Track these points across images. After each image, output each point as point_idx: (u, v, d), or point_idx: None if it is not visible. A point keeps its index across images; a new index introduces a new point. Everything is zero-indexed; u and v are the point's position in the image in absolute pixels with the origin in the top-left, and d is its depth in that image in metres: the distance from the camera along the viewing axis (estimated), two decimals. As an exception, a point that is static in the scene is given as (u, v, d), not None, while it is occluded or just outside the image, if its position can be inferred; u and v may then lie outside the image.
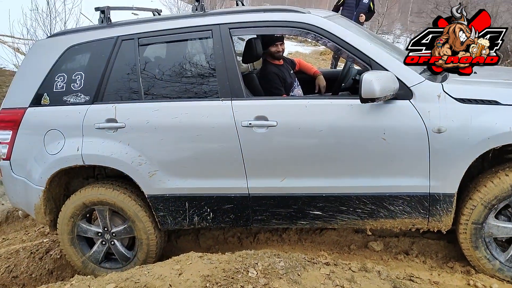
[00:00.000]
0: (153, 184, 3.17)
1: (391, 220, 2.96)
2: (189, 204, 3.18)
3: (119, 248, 3.41)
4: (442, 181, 2.78)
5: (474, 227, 2.82)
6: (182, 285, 2.51)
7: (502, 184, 2.72)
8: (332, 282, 2.58)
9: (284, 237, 3.60)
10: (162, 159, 3.13)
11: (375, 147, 2.81)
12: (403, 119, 2.77)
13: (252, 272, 2.62)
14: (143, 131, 3.11)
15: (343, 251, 3.39)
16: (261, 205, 3.09)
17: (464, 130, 2.67)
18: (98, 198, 3.28)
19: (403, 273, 2.88)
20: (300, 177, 2.99)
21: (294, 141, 2.95)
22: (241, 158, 3.01)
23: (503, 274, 2.85)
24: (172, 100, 3.14)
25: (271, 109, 2.97)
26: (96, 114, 3.19)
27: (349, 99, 2.89)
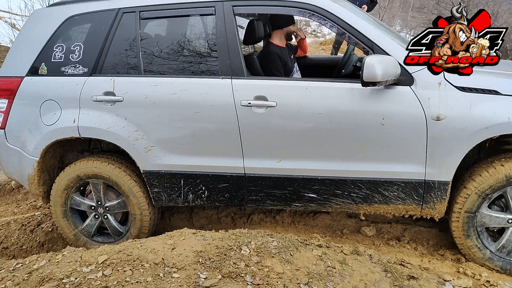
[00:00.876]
0: (149, 160, 3.15)
1: (385, 206, 2.98)
2: (184, 182, 3.17)
3: (112, 223, 3.40)
4: (438, 168, 2.79)
5: (467, 215, 2.84)
6: (174, 259, 2.51)
7: (497, 174, 2.73)
8: (324, 263, 2.59)
9: (277, 219, 3.62)
10: (159, 134, 3.11)
11: (374, 132, 2.81)
12: (403, 105, 2.76)
13: (245, 250, 2.62)
14: (141, 106, 3.08)
15: (336, 235, 3.41)
16: (257, 186, 3.09)
17: (463, 119, 2.67)
18: (93, 171, 3.27)
19: (394, 258, 2.90)
20: (297, 159, 2.99)
21: (293, 123, 2.94)
22: (238, 137, 3.00)
23: (493, 264, 2.88)
24: (172, 76, 3.12)
25: (271, 89, 2.96)
26: (94, 87, 3.16)
27: (350, 82, 2.88)
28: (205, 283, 2.31)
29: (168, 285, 2.30)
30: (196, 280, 2.33)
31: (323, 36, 18.03)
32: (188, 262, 2.48)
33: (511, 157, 2.78)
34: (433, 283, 2.55)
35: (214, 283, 2.31)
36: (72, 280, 2.38)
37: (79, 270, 2.48)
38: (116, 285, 2.31)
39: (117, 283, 2.33)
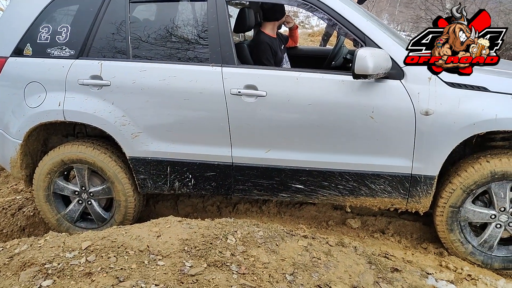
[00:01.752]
0: (135, 146, 3.11)
1: (371, 199, 3.00)
2: (170, 169, 3.14)
3: (96, 208, 3.36)
4: (424, 163, 2.81)
5: (451, 210, 2.87)
6: (160, 247, 2.49)
7: (483, 170, 2.77)
8: (309, 254, 2.60)
9: (263, 209, 3.62)
10: (146, 121, 3.07)
11: (363, 124, 2.82)
12: (393, 98, 2.77)
13: (231, 239, 2.61)
14: (129, 91, 3.03)
15: (321, 226, 3.42)
16: (244, 175, 3.08)
17: (451, 114, 2.69)
18: (77, 156, 3.21)
19: (379, 250, 2.93)
20: (285, 150, 2.98)
21: (282, 113, 2.93)
22: (227, 126, 2.98)
23: (475, 258, 2.93)
24: (161, 61, 3.07)
25: (261, 78, 2.93)
26: (81, 70, 3.09)
27: (341, 74, 2.87)
28: (190, 271, 2.30)
29: (153, 272, 2.27)
30: (181, 268, 2.31)
31: (311, 27, 17.98)
32: (173, 250, 2.46)
33: (496, 154, 2.81)
34: (416, 276, 2.59)
35: (199, 272, 2.29)
36: (55, 266, 2.34)
37: (62, 256, 2.44)
38: (100, 271, 2.28)
39: (101, 269, 2.30)
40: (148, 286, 2.13)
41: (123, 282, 2.17)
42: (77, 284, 2.20)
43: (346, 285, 2.37)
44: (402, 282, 2.48)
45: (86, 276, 2.26)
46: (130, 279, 2.20)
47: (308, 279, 2.36)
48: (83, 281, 2.23)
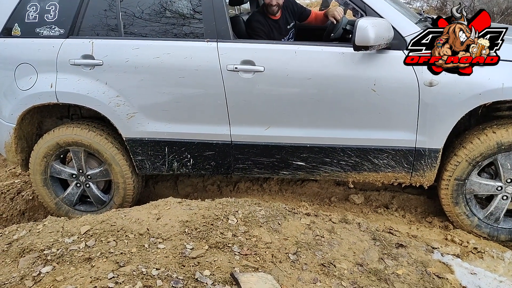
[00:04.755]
0: (131, 127, 3.04)
1: (374, 174, 2.93)
2: (168, 149, 3.07)
3: (95, 191, 3.31)
4: (429, 136, 2.74)
5: (456, 183, 2.81)
6: (160, 229, 2.44)
7: (489, 141, 2.69)
8: (312, 232, 2.55)
9: (264, 187, 3.57)
10: (141, 100, 2.99)
11: (364, 98, 2.73)
12: (395, 70, 2.68)
13: (232, 220, 2.57)
14: (122, 70, 2.94)
15: (324, 203, 3.38)
16: (244, 154, 3.01)
17: (456, 85, 2.60)
18: (73, 138, 3.14)
19: (383, 226, 2.89)
20: (285, 126, 2.91)
21: (281, 89, 2.85)
22: (225, 103, 2.90)
23: (480, 231, 2.89)
24: (154, 38, 2.96)
25: (258, 53, 2.84)
26: (72, 49, 2.99)
27: (341, 46, 2.77)
28: (191, 253, 2.25)
29: (154, 256, 2.23)
30: (182, 250, 2.27)
31: (309, -3, 17.61)
32: (173, 233, 2.41)
33: (503, 124, 2.73)
34: (421, 251, 2.55)
35: (200, 254, 2.25)
36: (54, 252, 2.30)
37: (61, 241, 2.40)
38: (99, 256, 2.24)
39: (100, 254, 2.25)
40: (149, 271, 2.09)
41: (124, 267, 2.13)
42: (77, 270, 2.16)
43: (351, 262, 2.34)
44: (407, 257, 2.44)
45: (85, 262, 2.22)
46: (130, 264, 2.16)
47: (311, 258, 2.32)
48: (83, 266, 2.19)
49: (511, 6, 8.98)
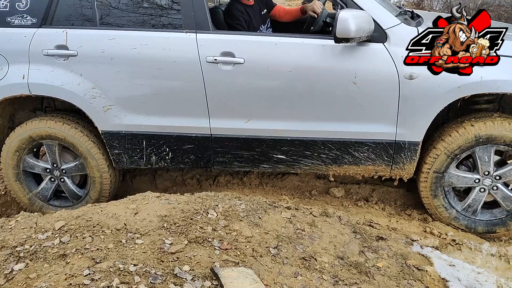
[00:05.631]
0: (108, 120, 2.96)
1: (355, 167, 2.93)
2: (146, 143, 3.01)
3: (70, 186, 3.22)
4: (409, 129, 2.75)
5: (435, 176, 2.83)
6: (138, 224, 2.38)
7: (467, 134, 2.71)
8: (293, 226, 2.54)
9: (245, 181, 3.53)
10: (118, 93, 2.91)
11: (345, 90, 2.72)
12: (376, 63, 2.67)
13: (212, 214, 2.53)
14: (98, 61, 2.85)
15: (304, 196, 3.36)
16: (224, 147, 2.97)
17: (435, 78, 2.60)
18: (46, 132, 3.04)
19: (363, 219, 2.89)
20: (265, 119, 2.88)
21: (262, 81, 2.81)
22: (204, 96, 2.84)
23: (458, 223, 2.92)
24: (131, 29, 2.88)
25: (238, 45, 2.79)
26: (45, 39, 2.89)
27: (321, 38, 2.74)
28: (170, 248, 2.21)
29: (131, 251, 2.18)
30: (161, 245, 2.22)
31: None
32: (152, 227, 2.36)
33: (481, 117, 2.75)
34: (401, 244, 2.56)
35: (180, 249, 2.21)
36: (27, 248, 2.23)
37: (34, 237, 2.33)
38: (74, 252, 2.17)
39: (75, 250, 2.19)
40: (126, 267, 2.04)
41: (100, 264, 2.07)
42: (51, 267, 2.09)
43: (332, 256, 2.33)
44: (387, 250, 2.44)
45: (60, 258, 2.16)
46: (107, 260, 2.10)
47: (292, 251, 2.30)
48: (57, 263, 2.12)
49: (486, 2, 9.13)
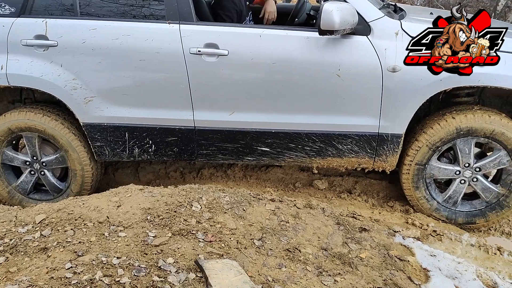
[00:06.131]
0: (89, 112, 2.91)
1: (338, 159, 2.95)
2: (129, 135, 2.97)
3: (50, 179, 3.16)
4: (391, 121, 2.77)
5: (417, 168, 2.87)
6: (120, 217, 2.35)
7: (448, 126, 2.75)
8: (277, 218, 2.54)
9: (229, 173, 3.52)
10: (99, 84, 2.87)
11: (329, 83, 2.73)
12: (359, 55, 2.68)
13: (196, 206, 2.51)
14: (79, 52, 2.80)
15: (288, 189, 3.37)
16: (207, 139, 2.95)
17: (418, 71, 2.63)
18: (26, 124, 2.98)
19: (346, 210, 2.92)
20: (250, 111, 2.87)
21: (246, 73, 2.80)
22: (188, 88, 2.82)
23: (439, 214, 2.97)
24: (113, 19, 2.83)
25: (222, 36, 2.77)
26: (24, 29, 2.83)
27: (306, 31, 2.74)
28: (154, 241, 2.19)
29: (114, 244, 2.15)
30: (145, 238, 2.20)
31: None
32: (135, 220, 2.33)
33: (461, 110, 2.80)
34: (383, 235, 2.59)
35: (164, 241, 2.19)
36: (7, 242, 2.18)
37: (14, 231, 2.28)
38: (56, 246, 2.14)
39: (57, 244, 2.15)
40: (109, 260, 2.01)
41: (82, 257, 2.04)
42: (32, 261, 2.05)
43: (315, 247, 2.34)
44: (370, 241, 2.47)
45: (41, 252, 2.12)
46: (89, 253, 2.07)
47: (277, 243, 2.31)
48: (38, 257, 2.08)
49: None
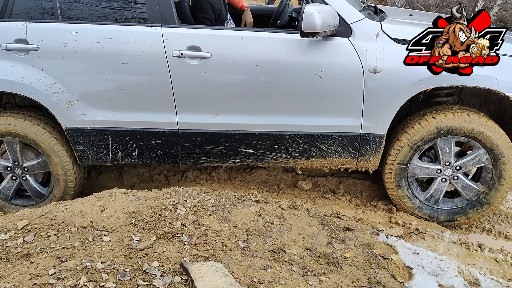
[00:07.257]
0: (71, 116, 2.88)
1: (322, 160, 2.97)
2: (112, 139, 2.96)
3: (32, 184, 3.13)
4: (373, 122, 2.81)
5: (399, 167, 2.91)
6: (104, 221, 2.34)
7: (429, 126, 2.80)
8: (262, 219, 2.55)
9: (213, 176, 3.53)
10: (82, 88, 2.84)
11: (312, 84, 2.75)
12: (341, 57, 2.72)
13: (181, 209, 2.51)
14: (60, 56, 2.78)
15: (273, 190, 3.39)
16: (191, 142, 2.96)
17: (398, 71, 2.68)
18: (6, 129, 2.94)
19: (330, 210, 2.95)
20: (233, 114, 2.88)
21: (229, 75, 2.81)
22: (171, 90, 2.82)
23: (422, 212, 3.01)
24: (94, 22, 2.82)
25: (205, 39, 2.78)
26: (3, 33, 2.79)
27: (288, 33, 2.76)
28: (139, 245, 2.18)
29: (99, 249, 2.14)
30: (129, 242, 2.19)
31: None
32: (119, 224, 2.32)
33: (442, 110, 2.85)
34: (367, 234, 2.62)
35: (148, 245, 2.18)
36: (-12, 249, 2.15)
37: (-5, 238, 2.25)
38: (39, 252, 2.11)
39: (40, 249, 2.13)
40: (93, 265, 2.00)
41: (66, 262, 2.02)
42: (14, 267, 2.03)
43: (300, 248, 2.36)
44: (354, 240, 2.50)
45: (24, 258, 2.09)
46: (73, 258, 2.05)
47: (262, 244, 2.32)
48: (21, 263, 2.06)
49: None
